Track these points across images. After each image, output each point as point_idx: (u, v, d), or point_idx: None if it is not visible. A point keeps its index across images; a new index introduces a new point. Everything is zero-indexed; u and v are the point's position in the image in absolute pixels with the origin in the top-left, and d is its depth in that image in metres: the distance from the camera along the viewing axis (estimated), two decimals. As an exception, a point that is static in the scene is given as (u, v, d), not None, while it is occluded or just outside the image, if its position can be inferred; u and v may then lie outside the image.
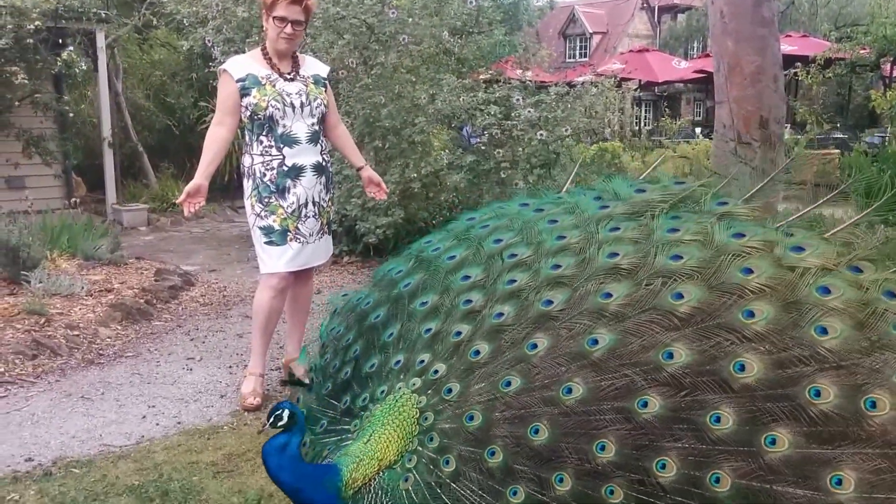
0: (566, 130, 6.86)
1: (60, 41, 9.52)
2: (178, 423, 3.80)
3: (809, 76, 13.69)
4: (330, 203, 4.00)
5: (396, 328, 2.45)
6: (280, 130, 3.71)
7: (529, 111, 6.76)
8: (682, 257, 2.08)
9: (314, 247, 3.89)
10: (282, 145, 3.72)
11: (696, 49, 34.28)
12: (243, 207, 4.01)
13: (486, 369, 2.14)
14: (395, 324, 2.47)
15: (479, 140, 7.67)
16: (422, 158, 7.08)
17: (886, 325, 1.83)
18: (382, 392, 2.32)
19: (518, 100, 6.90)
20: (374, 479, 2.19)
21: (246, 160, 3.81)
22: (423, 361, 2.29)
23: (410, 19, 7.20)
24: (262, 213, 3.76)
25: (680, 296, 1.98)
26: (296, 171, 3.75)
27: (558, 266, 2.23)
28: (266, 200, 3.74)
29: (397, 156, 7.08)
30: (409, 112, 7.05)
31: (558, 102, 6.90)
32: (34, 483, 3.14)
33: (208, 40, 7.77)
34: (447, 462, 2.10)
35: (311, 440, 2.44)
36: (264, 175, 3.73)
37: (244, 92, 3.68)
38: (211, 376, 4.47)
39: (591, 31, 36.76)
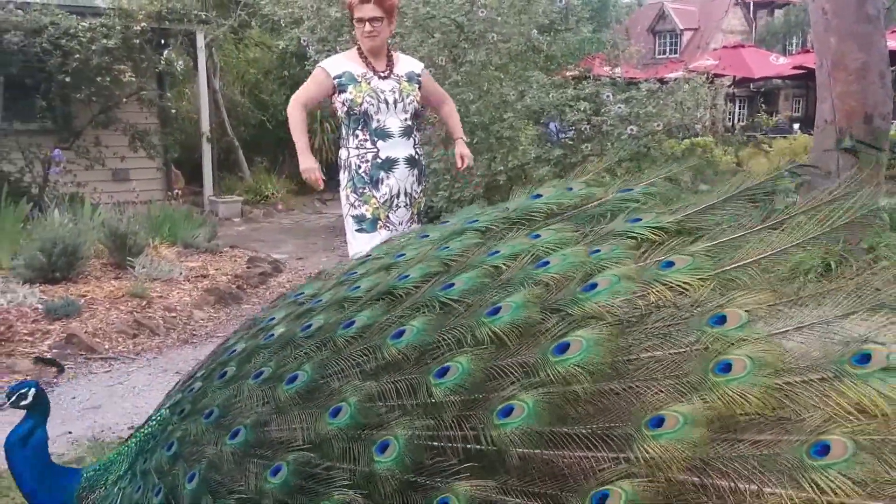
0: (657, 125, 6.76)
1: (163, 41, 10.00)
2: (264, 400, 3.99)
3: (918, 73, 12.85)
4: (422, 195, 4.10)
5: None
6: (374, 125, 3.83)
7: (620, 107, 6.69)
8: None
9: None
10: (376, 139, 3.84)
11: (794, 45, 32.75)
12: (331, 199, 4.13)
13: (211, 396, 1.86)
14: None
15: (565, 136, 7.62)
16: (509, 153, 7.12)
17: None
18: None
19: (608, 96, 6.83)
20: (97, 492, 1.99)
21: (342, 153, 3.96)
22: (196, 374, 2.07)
23: (499, 17, 7.24)
24: (356, 203, 3.89)
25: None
26: (389, 164, 3.86)
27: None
28: (360, 191, 3.87)
29: (485, 150, 7.14)
30: (498, 108, 7.09)
31: (649, 98, 6.79)
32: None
33: (303, 40, 8.04)
34: (138, 489, 1.85)
35: None
36: (359, 167, 3.86)
37: (341, 88, 3.82)
38: (298, 360, 4.65)
39: (681, 28, 35.77)
